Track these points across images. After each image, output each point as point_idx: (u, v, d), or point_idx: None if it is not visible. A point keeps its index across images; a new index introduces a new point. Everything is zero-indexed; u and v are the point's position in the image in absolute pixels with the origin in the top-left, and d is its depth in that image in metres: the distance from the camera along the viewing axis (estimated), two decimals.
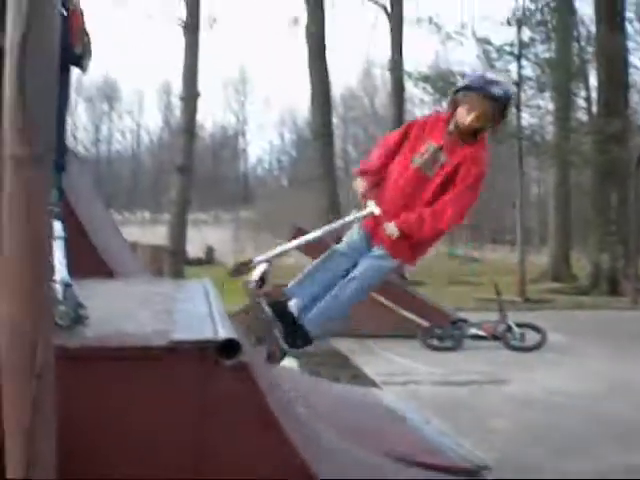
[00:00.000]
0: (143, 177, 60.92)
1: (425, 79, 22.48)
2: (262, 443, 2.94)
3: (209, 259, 33.27)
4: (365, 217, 4.75)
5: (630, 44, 24.71)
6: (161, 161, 53.40)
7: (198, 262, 30.42)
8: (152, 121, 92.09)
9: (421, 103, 27.46)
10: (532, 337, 11.38)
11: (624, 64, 23.20)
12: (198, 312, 3.86)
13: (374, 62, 40.23)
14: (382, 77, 44.41)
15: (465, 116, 4.67)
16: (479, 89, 4.67)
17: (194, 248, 30.90)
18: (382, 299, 12.97)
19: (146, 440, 2.86)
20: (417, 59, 51.96)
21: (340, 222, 4.89)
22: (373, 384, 8.77)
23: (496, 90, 4.67)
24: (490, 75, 5.10)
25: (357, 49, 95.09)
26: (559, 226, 25.79)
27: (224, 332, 3.03)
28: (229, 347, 2.91)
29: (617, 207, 21.02)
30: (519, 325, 11.50)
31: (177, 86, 24.66)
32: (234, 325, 4.00)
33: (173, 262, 18.46)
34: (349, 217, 4.82)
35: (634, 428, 7.02)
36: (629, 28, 25.02)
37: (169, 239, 19.56)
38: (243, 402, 2.93)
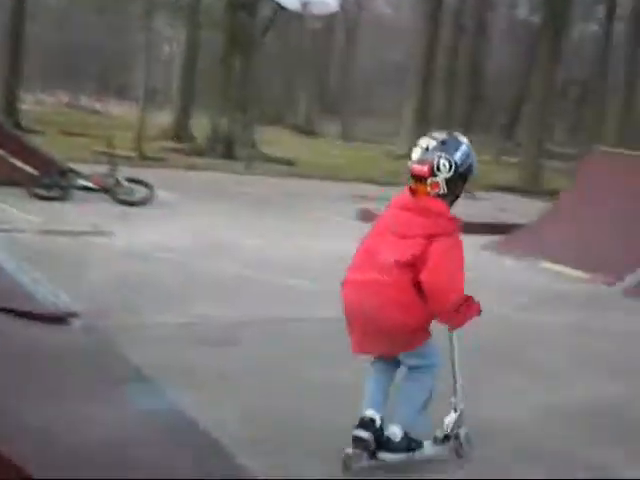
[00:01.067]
0: None
1: None
2: None
3: None
4: None
5: None
6: None
7: None
8: None
9: None
10: (141, 193, 11.48)
11: None
12: None
13: None
14: None
15: None
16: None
17: None
18: None
19: None
20: None
21: None
22: None
23: None
24: None
25: None
26: (184, 86, 25.93)
27: None
28: None
29: (240, 74, 21.53)
30: (129, 180, 11.52)
31: None
32: None
33: None
34: None
35: (224, 284, 7.42)
36: None
37: None
38: None
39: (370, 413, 3.87)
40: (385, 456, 3.84)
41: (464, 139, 3.92)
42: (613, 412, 5.10)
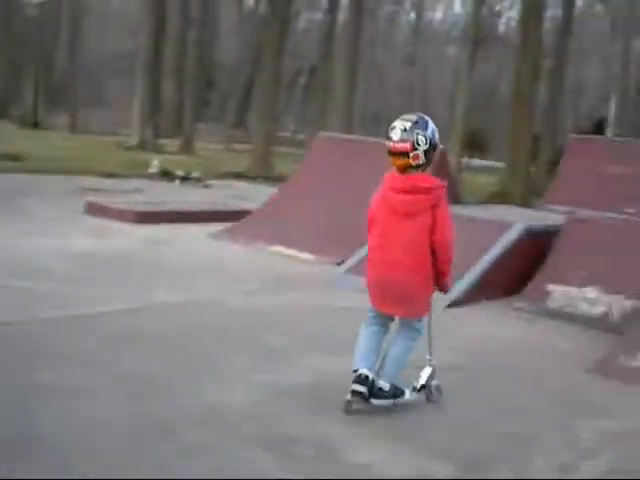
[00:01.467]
0: None
1: None
2: None
3: None
4: None
5: None
6: None
7: None
8: None
9: None
10: None
11: None
12: None
13: None
14: None
15: None
16: None
17: None
18: None
19: None
20: None
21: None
22: None
23: None
24: None
25: None
26: None
27: None
28: None
29: None
30: None
31: None
32: None
33: None
34: None
35: None
36: None
37: None
38: None
39: (365, 372, 4.78)
40: (377, 402, 4.84)
41: (428, 118, 4.84)
42: (339, 387, 5.32)
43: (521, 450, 4.60)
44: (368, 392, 4.76)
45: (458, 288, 8.28)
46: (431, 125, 4.79)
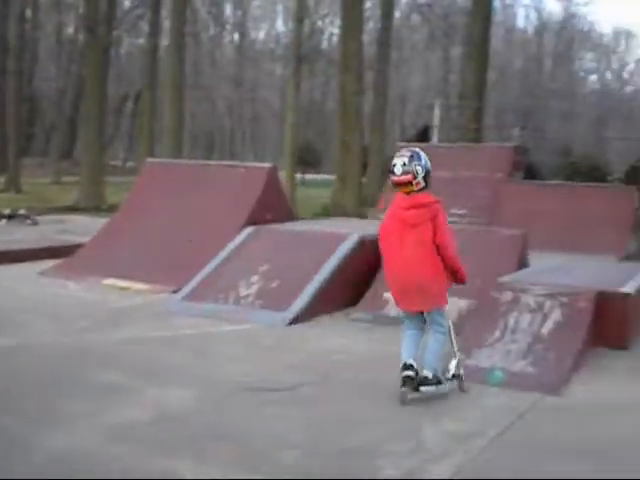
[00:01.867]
0: None
1: None
2: None
3: None
4: None
5: None
6: None
7: None
8: None
9: None
10: None
11: None
12: None
13: None
14: None
15: None
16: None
17: None
18: None
19: None
20: None
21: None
22: None
23: None
24: None
25: None
26: None
27: None
28: None
29: None
30: None
31: None
32: None
33: None
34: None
35: None
36: None
37: None
38: None
39: (410, 361, 5.76)
40: (424, 389, 5.77)
41: (418, 149, 5.93)
42: (182, 419, 5.16)
43: (368, 461, 4.59)
44: (416, 377, 5.70)
45: (297, 304, 8.27)
46: (423, 155, 5.90)
